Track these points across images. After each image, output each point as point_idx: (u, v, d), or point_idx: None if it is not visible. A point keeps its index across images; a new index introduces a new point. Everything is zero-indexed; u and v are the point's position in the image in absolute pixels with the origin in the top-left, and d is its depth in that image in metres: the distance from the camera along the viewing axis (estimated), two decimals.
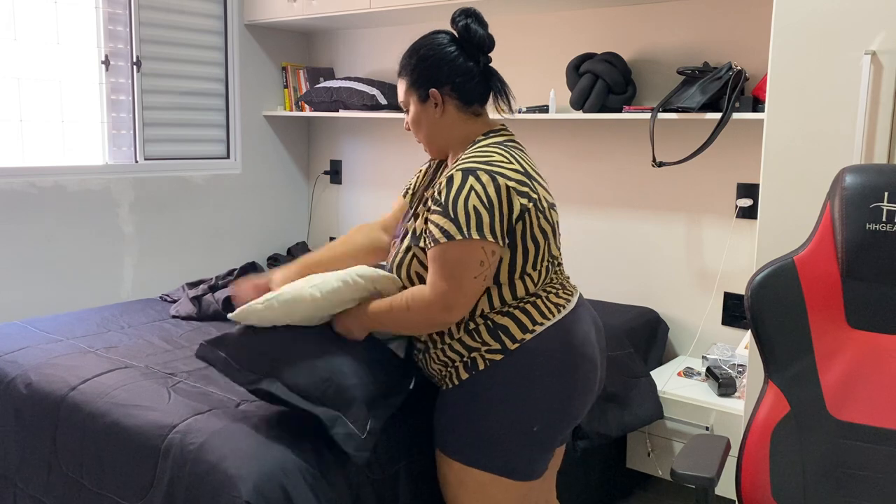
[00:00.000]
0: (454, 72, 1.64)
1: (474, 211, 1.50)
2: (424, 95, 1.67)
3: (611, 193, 3.13)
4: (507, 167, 1.56)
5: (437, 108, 1.67)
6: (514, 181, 1.54)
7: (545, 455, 1.63)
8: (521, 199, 1.54)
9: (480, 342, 1.58)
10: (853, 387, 1.53)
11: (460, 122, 1.69)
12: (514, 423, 1.57)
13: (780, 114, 2.05)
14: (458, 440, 1.61)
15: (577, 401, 1.62)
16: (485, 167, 1.53)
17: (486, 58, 1.69)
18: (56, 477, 1.89)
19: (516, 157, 1.61)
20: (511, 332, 1.57)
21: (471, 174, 1.52)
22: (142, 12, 3.35)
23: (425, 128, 1.70)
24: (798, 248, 1.60)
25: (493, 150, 1.60)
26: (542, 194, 1.60)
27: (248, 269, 2.84)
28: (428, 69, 1.65)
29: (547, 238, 1.60)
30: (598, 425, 2.32)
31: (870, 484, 1.50)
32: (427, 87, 1.66)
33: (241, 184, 3.84)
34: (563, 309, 1.62)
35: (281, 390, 1.59)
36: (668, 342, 3.02)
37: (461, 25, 1.65)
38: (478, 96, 1.68)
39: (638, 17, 2.98)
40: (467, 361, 1.59)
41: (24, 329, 2.42)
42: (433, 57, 1.65)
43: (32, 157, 3.13)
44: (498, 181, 1.52)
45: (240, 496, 1.47)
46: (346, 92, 3.48)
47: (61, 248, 3.18)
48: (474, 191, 1.51)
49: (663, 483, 2.93)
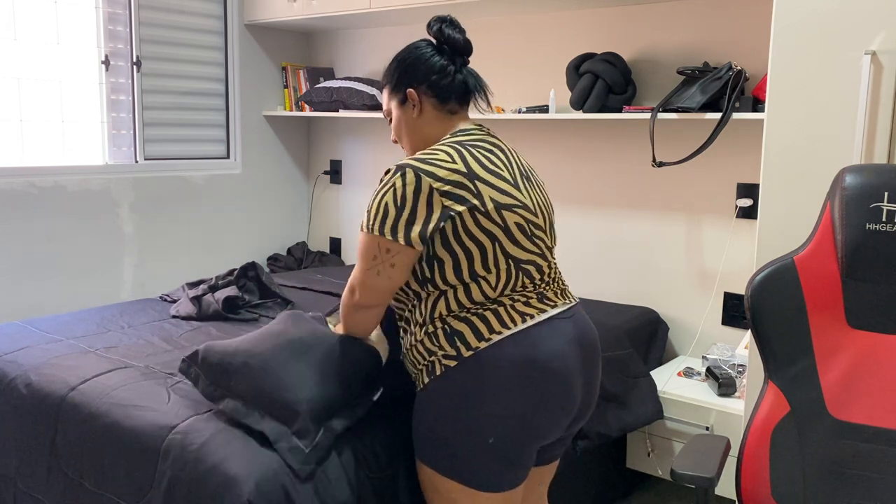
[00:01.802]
0: (429, 70, 1.68)
1: (384, 207, 1.54)
2: (403, 97, 1.70)
3: (611, 193, 3.13)
4: (445, 166, 1.54)
5: (414, 108, 1.70)
6: (445, 182, 1.52)
7: (511, 468, 1.56)
8: (448, 200, 1.52)
9: (438, 346, 1.55)
10: (853, 387, 1.53)
11: (437, 122, 1.71)
12: (469, 433, 1.52)
13: (780, 114, 2.05)
14: (425, 445, 1.59)
15: (539, 417, 1.53)
16: (418, 165, 1.55)
17: (463, 59, 1.72)
18: (56, 477, 1.89)
19: (467, 156, 1.58)
20: (466, 338, 1.53)
21: (400, 171, 1.55)
22: (142, 12, 3.35)
23: (406, 131, 1.73)
24: (798, 248, 1.60)
25: (444, 148, 1.60)
26: (488, 195, 1.54)
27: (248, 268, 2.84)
28: (405, 70, 1.70)
29: (495, 240, 1.54)
30: (598, 425, 2.32)
31: (870, 484, 1.50)
32: (405, 87, 1.70)
33: (241, 184, 3.84)
34: (529, 319, 1.55)
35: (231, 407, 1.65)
36: (668, 342, 3.02)
37: (435, 29, 1.70)
38: (454, 94, 1.69)
39: (638, 17, 2.98)
40: (428, 365, 1.57)
41: (24, 329, 2.42)
42: (410, 58, 1.70)
43: (32, 157, 3.13)
44: (422, 181, 1.52)
45: (241, 496, 1.47)
46: (346, 92, 3.48)
47: (61, 248, 3.18)
48: (394, 188, 1.54)
49: (663, 483, 2.93)
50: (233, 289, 2.69)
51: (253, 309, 2.71)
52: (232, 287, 2.71)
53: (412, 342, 1.62)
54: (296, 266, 3.93)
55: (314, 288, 3.12)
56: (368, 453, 1.68)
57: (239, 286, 2.75)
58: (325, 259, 3.98)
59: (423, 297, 1.60)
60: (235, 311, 2.64)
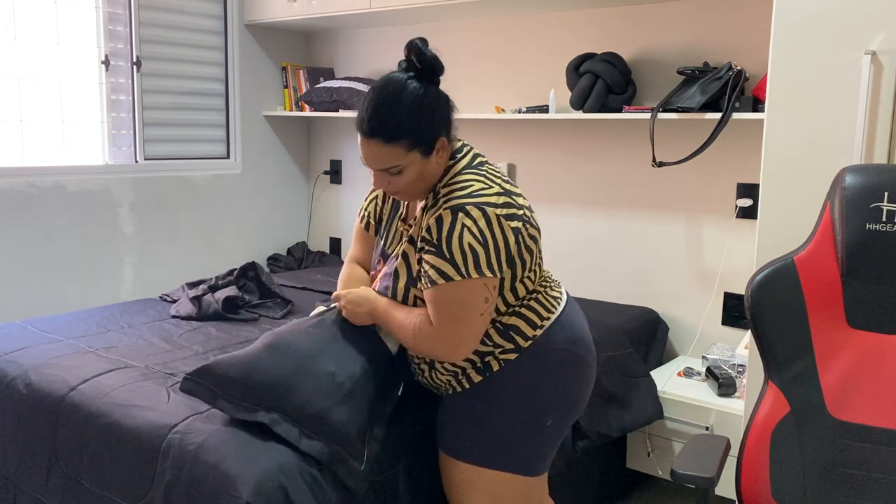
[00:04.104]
0: (446, 110, 1.56)
1: (470, 249, 1.46)
2: (430, 149, 1.53)
3: (611, 193, 3.13)
4: (490, 193, 1.51)
5: (439, 154, 1.56)
6: (499, 206, 1.50)
7: (554, 449, 1.69)
8: (512, 222, 1.51)
9: (493, 345, 1.60)
10: (853, 387, 1.53)
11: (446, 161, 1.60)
12: (529, 420, 1.60)
13: (780, 114, 2.05)
14: (470, 443, 1.62)
15: (584, 391, 1.68)
16: (471, 200, 1.48)
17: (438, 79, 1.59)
18: (56, 477, 1.89)
19: (490, 175, 1.56)
20: (522, 330, 1.60)
21: (460, 211, 1.47)
22: (142, 12, 3.35)
23: (428, 181, 1.57)
24: (798, 248, 1.60)
25: (470, 177, 1.54)
26: (522, 204, 1.58)
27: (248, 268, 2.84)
28: (431, 122, 1.52)
29: (537, 243, 1.62)
30: (598, 425, 2.32)
31: (870, 484, 1.50)
32: (433, 139, 1.53)
33: (241, 184, 3.84)
34: (561, 301, 1.67)
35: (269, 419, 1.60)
36: (668, 342, 3.02)
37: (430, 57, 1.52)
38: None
39: (638, 17, 2.98)
40: (480, 366, 1.61)
41: (24, 329, 2.42)
42: (428, 107, 1.52)
43: (32, 157, 3.13)
44: (488, 214, 1.48)
45: (240, 496, 1.47)
46: (346, 92, 3.48)
47: (61, 248, 3.18)
48: (466, 227, 1.46)
49: (663, 483, 2.93)
50: (233, 289, 2.69)
51: (253, 309, 2.71)
52: (232, 287, 2.71)
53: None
54: (296, 266, 3.93)
55: (314, 288, 3.12)
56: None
57: (239, 286, 2.75)
58: (325, 259, 3.98)
59: None
60: (235, 311, 2.64)
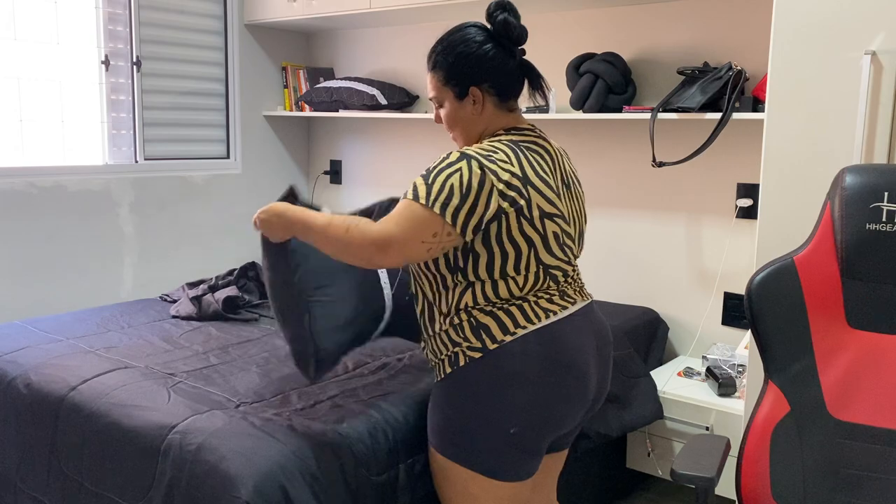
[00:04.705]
0: (493, 68, 1.63)
1: (449, 188, 1.50)
2: (463, 92, 1.65)
3: (611, 193, 3.13)
4: (504, 166, 1.55)
5: (475, 105, 1.66)
6: (503, 182, 1.53)
7: (528, 458, 1.60)
8: (503, 201, 1.52)
9: (463, 338, 1.59)
10: (853, 387, 1.53)
11: (496, 118, 1.68)
12: (491, 423, 1.55)
13: (780, 114, 2.05)
14: (442, 435, 1.61)
15: (559, 408, 1.58)
16: (481, 158, 1.54)
17: (521, 51, 1.68)
18: (56, 477, 1.89)
19: (523, 159, 1.59)
20: (492, 331, 1.57)
21: (465, 158, 1.53)
22: (142, 12, 3.35)
23: (462, 124, 1.69)
24: (798, 248, 1.60)
25: (502, 146, 1.59)
26: (536, 201, 1.56)
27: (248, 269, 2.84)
28: (468, 67, 1.63)
29: (532, 245, 1.56)
30: (598, 425, 2.32)
31: (870, 484, 1.50)
32: (467, 84, 1.65)
33: (241, 184, 3.83)
34: (552, 315, 1.59)
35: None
36: (668, 342, 3.02)
37: (499, 20, 1.63)
38: (514, 92, 1.68)
39: (638, 17, 2.98)
40: (451, 356, 1.60)
41: (24, 329, 2.42)
42: (473, 55, 1.63)
43: (32, 157, 3.13)
44: (486, 176, 1.52)
45: (239, 496, 1.47)
46: (346, 92, 3.48)
47: (61, 248, 3.18)
48: (460, 172, 1.51)
49: (663, 483, 2.93)
50: (233, 289, 2.70)
51: (253, 309, 2.71)
52: (232, 287, 2.71)
53: (436, 330, 1.64)
54: None
55: None
56: (368, 453, 1.68)
57: (239, 286, 2.75)
58: None
59: (449, 286, 1.61)
60: (235, 311, 2.64)
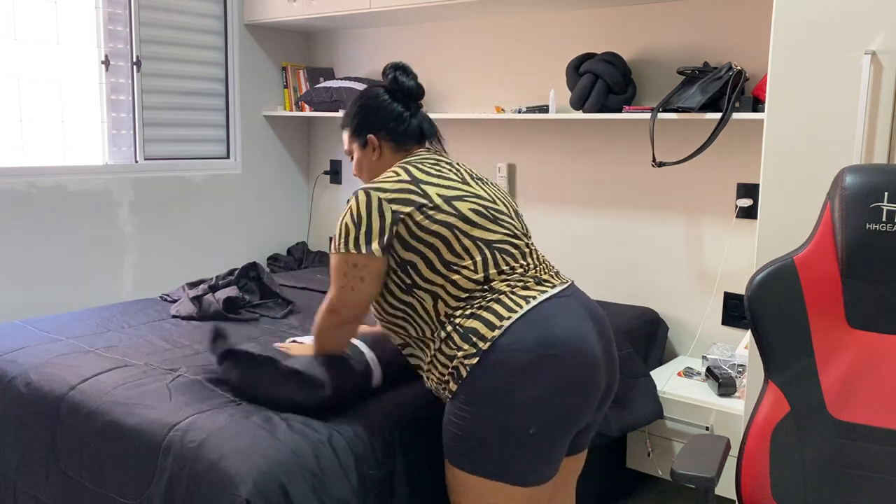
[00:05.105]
0: (387, 118, 1.83)
1: (344, 228, 1.67)
2: (364, 141, 1.85)
3: (611, 193, 3.13)
4: (390, 181, 1.68)
5: (374, 151, 1.85)
6: (390, 191, 1.66)
7: (548, 459, 1.59)
8: (396, 205, 1.65)
9: (456, 348, 1.59)
10: (853, 387, 1.53)
11: (394, 162, 1.85)
12: (510, 428, 1.54)
13: (780, 114, 2.05)
14: (458, 449, 1.61)
15: (570, 396, 1.55)
16: (368, 186, 1.69)
17: (417, 104, 1.88)
18: (56, 476, 1.89)
19: (412, 169, 1.72)
20: (480, 332, 1.57)
21: (354, 195, 1.69)
22: (142, 12, 3.35)
23: (366, 169, 1.88)
24: (798, 248, 1.60)
25: (392, 169, 1.74)
26: (436, 191, 1.67)
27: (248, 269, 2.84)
28: (365, 117, 1.84)
29: (453, 227, 1.64)
30: (598, 425, 2.32)
31: (870, 484, 1.50)
32: (365, 133, 1.84)
33: (241, 184, 3.84)
34: (532, 300, 1.60)
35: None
36: (668, 342, 3.02)
37: (390, 78, 1.85)
38: (410, 139, 1.84)
39: (638, 17, 2.98)
40: (453, 372, 1.60)
41: (24, 329, 2.42)
42: (370, 106, 1.84)
43: (32, 157, 3.13)
44: (371, 197, 1.66)
45: (239, 495, 1.47)
46: (346, 92, 3.48)
47: (61, 248, 3.18)
48: (350, 209, 1.68)
49: (663, 483, 2.93)
50: (233, 289, 2.69)
51: (253, 309, 2.71)
52: (232, 287, 2.71)
53: (431, 355, 1.66)
54: (296, 266, 3.93)
55: (314, 288, 3.12)
56: (367, 450, 1.68)
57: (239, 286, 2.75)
58: (325, 259, 3.98)
59: (417, 307, 1.67)
60: (236, 311, 2.64)
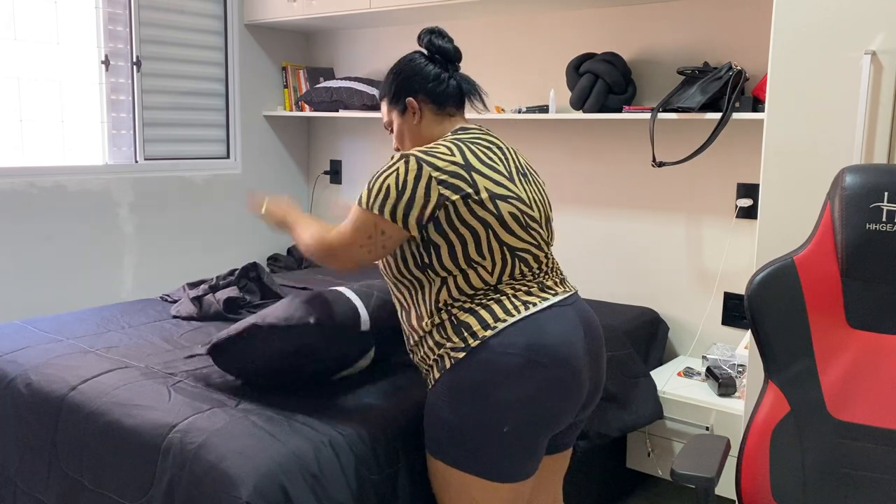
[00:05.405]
0: (425, 79, 1.80)
1: (385, 189, 1.61)
2: (403, 107, 1.81)
3: (611, 193, 3.13)
4: (445, 158, 1.63)
5: (414, 115, 1.80)
6: (444, 172, 1.61)
7: (525, 457, 1.59)
8: (445, 189, 1.59)
9: (446, 338, 1.60)
10: (853, 387, 1.54)
11: (437, 125, 1.81)
12: (484, 423, 1.55)
13: (780, 114, 2.05)
14: (438, 440, 1.61)
15: (550, 402, 1.57)
16: (420, 155, 1.63)
17: (455, 65, 1.84)
18: (56, 477, 1.89)
19: (465, 150, 1.67)
20: (473, 328, 1.58)
21: (404, 158, 1.63)
22: (142, 12, 3.35)
23: (408, 136, 1.84)
24: (798, 248, 1.60)
25: (444, 143, 1.69)
26: (483, 185, 1.62)
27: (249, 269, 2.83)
28: (403, 82, 1.81)
29: (489, 226, 1.60)
30: (598, 425, 2.32)
31: (870, 484, 1.50)
32: (404, 97, 1.80)
33: (241, 184, 3.84)
34: (532, 307, 1.60)
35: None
36: (668, 342, 3.02)
37: (426, 41, 1.83)
38: (450, 98, 1.81)
39: (638, 17, 2.98)
40: (438, 360, 1.61)
41: (24, 329, 2.42)
42: (406, 70, 1.81)
43: (32, 157, 3.13)
44: (423, 170, 1.60)
45: (239, 496, 1.47)
46: (346, 92, 3.48)
47: (61, 248, 3.18)
48: (397, 172, 1.61)
49: (663, 483, 2.93)
50: (234, 289, 2.69)
51: (254, 309, 2.70)
52: (233, 287, 2.71)
53: (421, 336, 1.66)
54: (296, 266, 3.93)
55: (314, 288, 3.12)
56: (368, 452, 1.68)
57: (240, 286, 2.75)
58: None
59: (425, 286, 1.64)
60: (236, 312, 2.64)
